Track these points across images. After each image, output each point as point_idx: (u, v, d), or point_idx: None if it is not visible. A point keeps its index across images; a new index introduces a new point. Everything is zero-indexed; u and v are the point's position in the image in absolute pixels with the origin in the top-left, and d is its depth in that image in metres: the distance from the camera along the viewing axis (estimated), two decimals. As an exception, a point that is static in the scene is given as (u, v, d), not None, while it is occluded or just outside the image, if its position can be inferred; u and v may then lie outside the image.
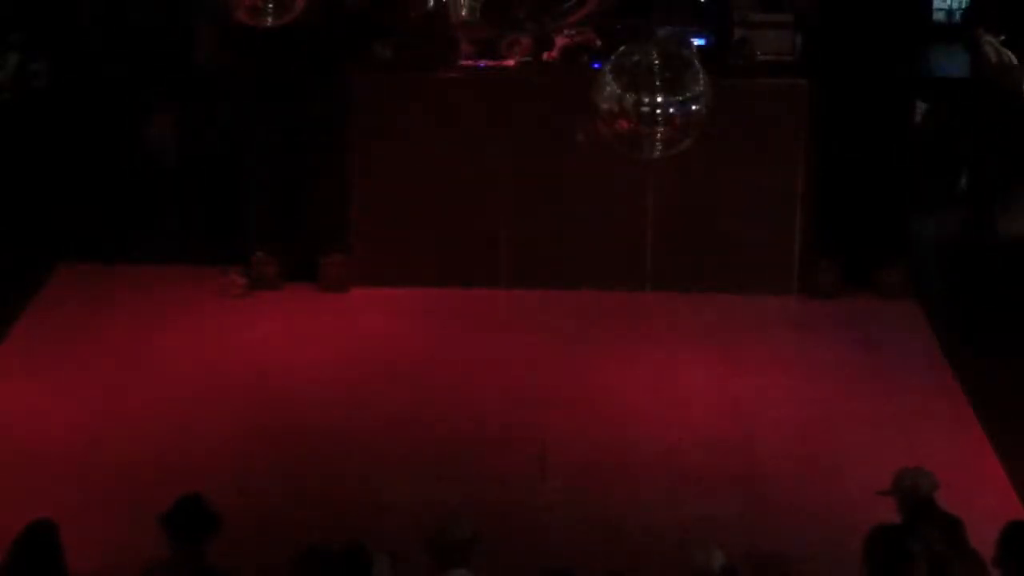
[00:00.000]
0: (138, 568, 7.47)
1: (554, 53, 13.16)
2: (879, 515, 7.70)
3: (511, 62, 13.07)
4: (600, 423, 10.77)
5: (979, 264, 13.43)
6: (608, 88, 8.19)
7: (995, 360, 11.54)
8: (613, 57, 8.44)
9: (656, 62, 8.14)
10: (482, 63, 13.06)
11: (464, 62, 12.97)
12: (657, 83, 8.13)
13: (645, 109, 8.16)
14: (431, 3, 13.20)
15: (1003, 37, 13.76)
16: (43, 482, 9.70)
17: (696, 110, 8.27)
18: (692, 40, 12.73)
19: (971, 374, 11.46)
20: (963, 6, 16.21)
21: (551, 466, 10.17)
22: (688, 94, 8.23)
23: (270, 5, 9.01)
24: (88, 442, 10.37)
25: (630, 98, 8.18)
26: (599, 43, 13.03)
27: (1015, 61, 13.46)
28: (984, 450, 10.45)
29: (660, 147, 8.30)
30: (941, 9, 16.32)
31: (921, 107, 13.70)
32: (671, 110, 8.21)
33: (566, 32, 13.16)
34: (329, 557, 7.03)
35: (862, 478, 9.93)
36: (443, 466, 10.16)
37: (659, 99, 8.15)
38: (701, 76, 8.32)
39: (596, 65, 12.33)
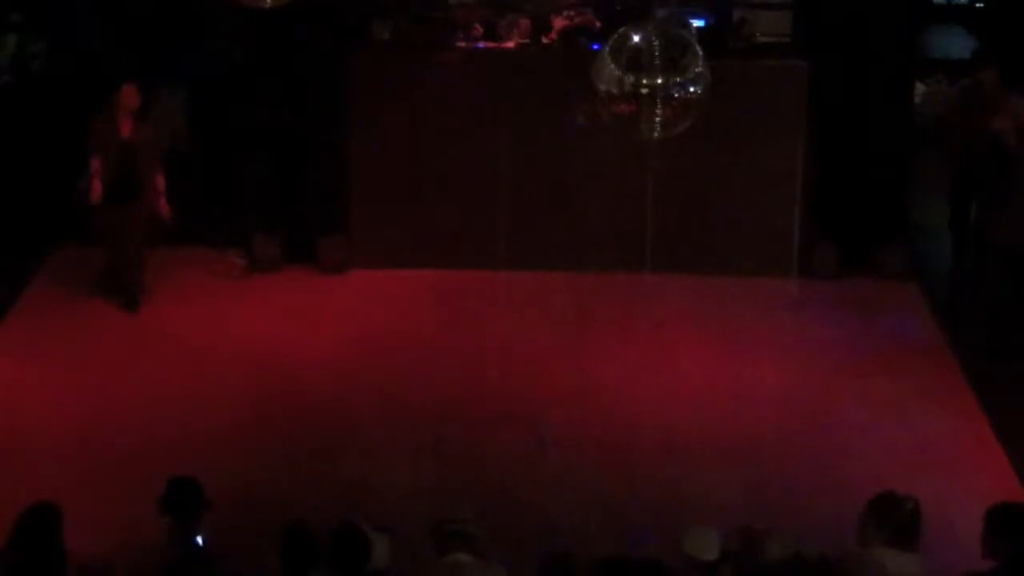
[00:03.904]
0: (136, 549, 7.50)
1: (553, 35, 13.13)
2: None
3: (510, 44, 13.05)
4: (599, 405, 10.78)
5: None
6: (607, 69, 8.17)
7: (995, 341, 11.52)
8: (612, 39, 8.41)
9: (655, 43, 8.12)
10: (481, 45, 13.04)
11: (462, 43, 12.95)
12: (656, 64, 8.11)
13: (644, 90, 8.15)
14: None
15: None
16: (42, 463, 9.71)
17: (695, 91, 8.26)
18: (691, 21, 12.70)
19: (971, 355, 11.46)
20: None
21: (550, 447, 10.19)
22: (687, 75, 8.21)
23: (270, -13, 8.96)
24: (86, 423, 10.38)
25: (629, 79, 8.16)
26: (598, 25, 13.01)
27: None
28: (983, 430, 10.46)
29: (659, 128, 8.29)
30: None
31: (920, 88, 13.65)
32: (670, 91, 8.19)
33: (565, 14, 13.14)
34: (311, 532, 7.05)
35: (861, 458, 9.98)
36: (442, 447, 10.17)
37: (658, 80, 8.13)
38: (700, 57, 8.30)
39: (595, 47, 12.30)
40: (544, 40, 13.10)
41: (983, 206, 12.38)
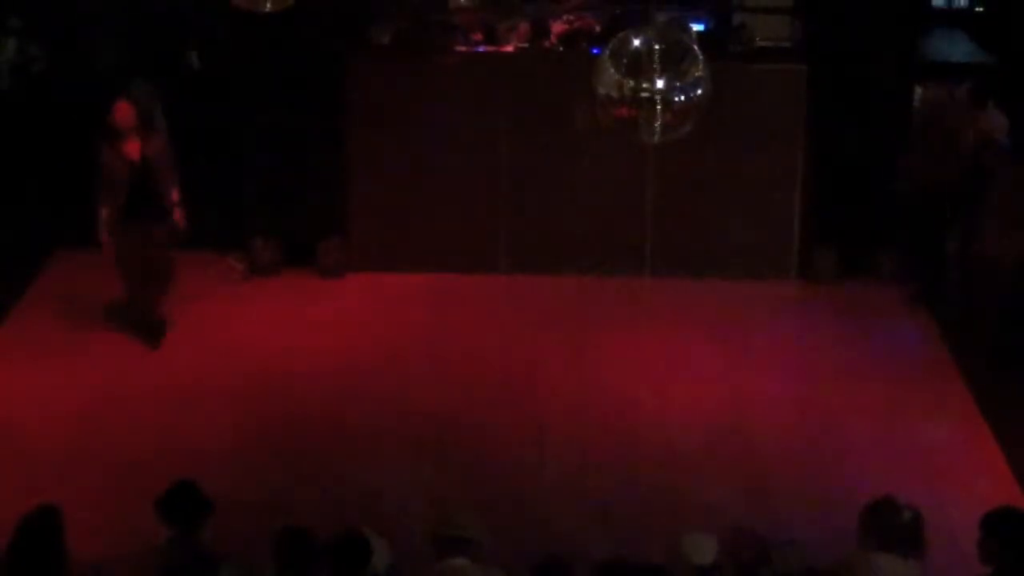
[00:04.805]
0: (137, 551, 7.50)
1: (553, 39, 13.14)
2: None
3: (510, 48, 13.06)
4: (598, 409, 10.78)
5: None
6: (607, 74, 8.17)
7: (993, 345, 11.53)
8: (612, 42, 8.42)
9: (655, 47, 8.12)
10: (480, 49, 13.05)
11: (461, 47, 12.96)
12: (656, 68, 8.11)
13: (644, 95, 8.15)
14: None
15: None
16: (43, 466, 9.72)
17: (695, 95, 8.26)
18: (692, 25, 12.72)
19: (969, 359, 11.47)
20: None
21: (549, 452, 10.18)
22: (687, 80, 8.21)
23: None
24: (87, 427, 10.38)
25: (629, 84, 8.16)
26: (598, 28, 13.02)
27: None
28: (983, 434, 10.47)
29: (659, 133, 8.28)
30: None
31: (919, 92, 13.64)
32: (670, 96, 8.19)
33: (564, 18, 13.15)
34: (309, 536, 7.06)
35: (861, 463, 9.98)
36: (441, 452, 10.17)
37: (658, 84, 8.12)
38: (700, 61, 8.31)
39: (595, 51, 12.32)
40: (544, 44, 13.12)
41: (963, 219, 12.40)
